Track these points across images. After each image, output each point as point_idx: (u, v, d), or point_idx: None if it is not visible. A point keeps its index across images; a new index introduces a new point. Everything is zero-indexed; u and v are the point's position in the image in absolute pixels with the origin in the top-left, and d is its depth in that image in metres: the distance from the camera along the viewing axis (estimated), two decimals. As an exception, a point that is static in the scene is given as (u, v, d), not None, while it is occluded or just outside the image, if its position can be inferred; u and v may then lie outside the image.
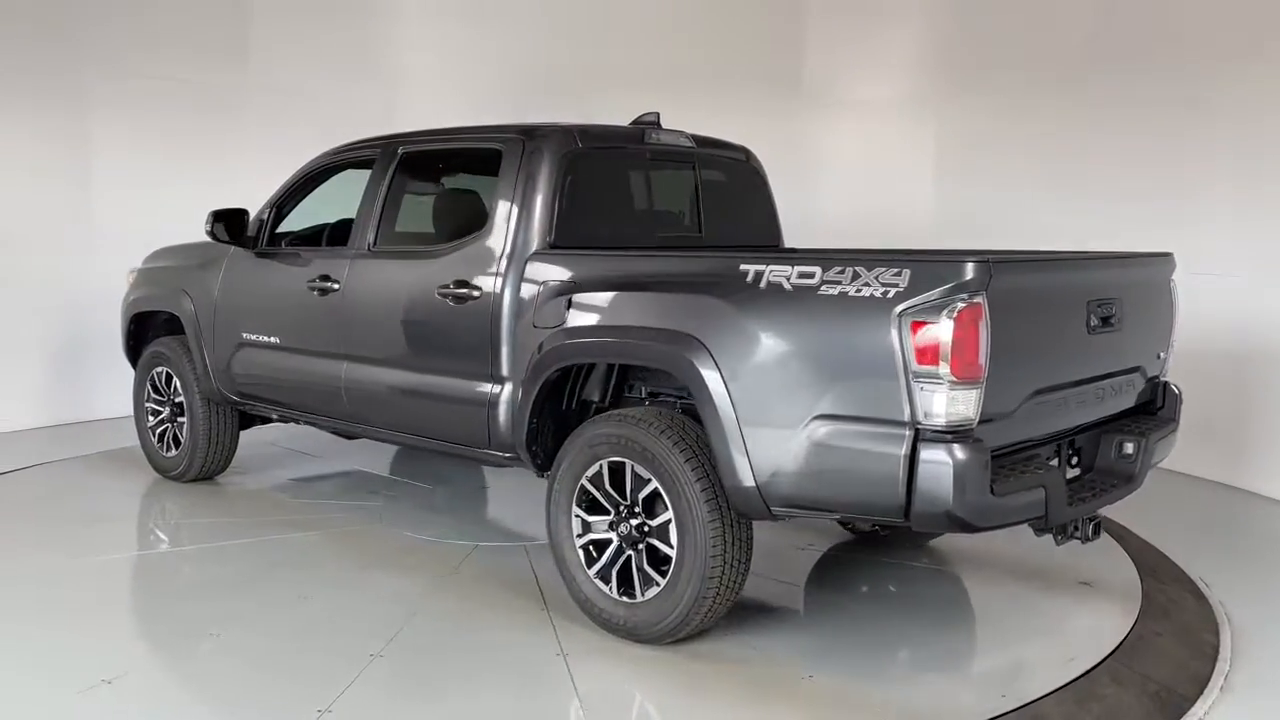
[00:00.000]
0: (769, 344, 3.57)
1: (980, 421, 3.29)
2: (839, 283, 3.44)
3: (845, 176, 8.81)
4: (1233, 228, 6.38)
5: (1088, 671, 3.81)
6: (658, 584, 3.86)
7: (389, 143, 5.19)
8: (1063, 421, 3.85)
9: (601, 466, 3.98)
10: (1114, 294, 3.96)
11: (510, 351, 4.33)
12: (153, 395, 6.24)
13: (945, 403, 3.23)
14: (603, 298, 4.07)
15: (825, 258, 3.53)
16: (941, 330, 3.21)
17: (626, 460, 3.89)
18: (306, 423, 5.63)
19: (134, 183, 7.90)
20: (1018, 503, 3.43)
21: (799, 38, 9.02)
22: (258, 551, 5.04)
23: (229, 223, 5.48)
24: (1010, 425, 3.51)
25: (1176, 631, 4.26)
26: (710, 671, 3.81)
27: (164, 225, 6.73)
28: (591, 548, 4.05)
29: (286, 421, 5.93)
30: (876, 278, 3.36)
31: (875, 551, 5.11)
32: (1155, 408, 4.37)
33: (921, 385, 3.25)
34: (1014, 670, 3.94)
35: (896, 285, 3.32)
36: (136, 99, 7.94)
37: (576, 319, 4.11)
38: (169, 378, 6.12)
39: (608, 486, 3.98)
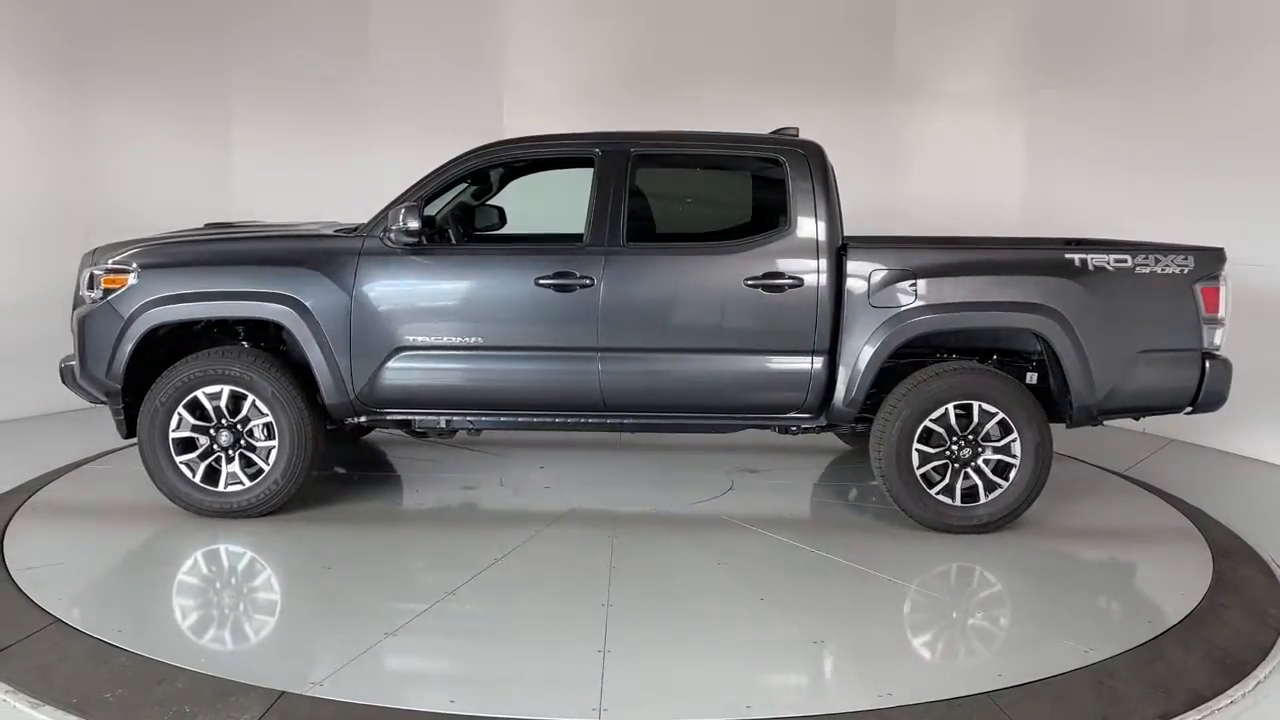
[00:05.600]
0: (1105, 306, 5.11)
1: None
2: (1148, 265, 5.10)
3: (934, 167, 9.04)
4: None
5: (1157, 636, 4.15)
6: (1000, 486, 5.21)
7: (613, 142, 5.35)
8: None
9: (947, 408, 5.14)
10: None
11: (829, 329, 5.19)
12: (194, 423, 5.22)
13: (1220, 336, 5.15)
14: (953, 281, 5.17)
15: (1132, 249, 5.19)
16: (1220, 292, 5.13)
17: (974, 400, 5.16)
18: (485, 424, 5.45)
19: (267, 167, 8.60)
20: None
21: (890, 31, 9.26)
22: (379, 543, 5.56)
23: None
24: None
25: (1244, 605, 4.56)
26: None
27: (293, 210, 7.26)
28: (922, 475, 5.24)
29: (412, 431, 5.57)
30: (1172, 261, 5.10)
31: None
32: None
33: (1208, 326, 5.13)
34: (1093, 633, 4.19)
35: (1188, 265, 5.12)
36: (270, 94, 8.63)
37: (928, 298, 5.14)
38: (235, 399, 5.21)
39: (951, 422, 5.17)
